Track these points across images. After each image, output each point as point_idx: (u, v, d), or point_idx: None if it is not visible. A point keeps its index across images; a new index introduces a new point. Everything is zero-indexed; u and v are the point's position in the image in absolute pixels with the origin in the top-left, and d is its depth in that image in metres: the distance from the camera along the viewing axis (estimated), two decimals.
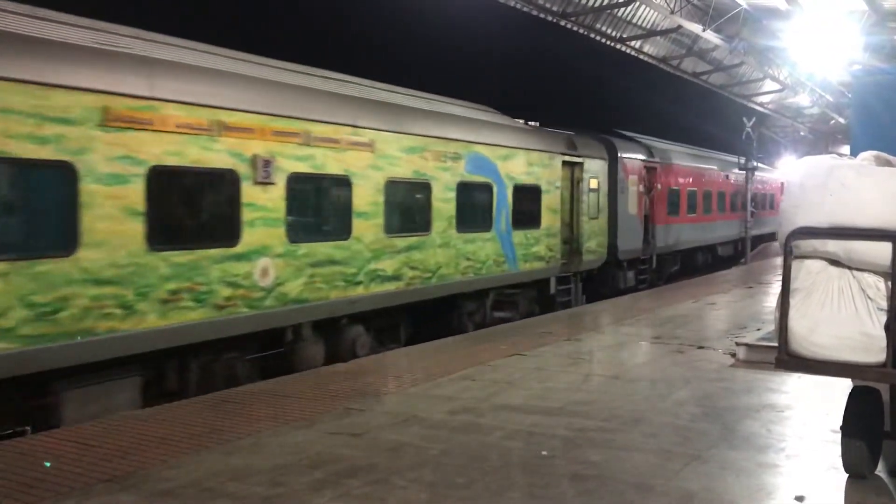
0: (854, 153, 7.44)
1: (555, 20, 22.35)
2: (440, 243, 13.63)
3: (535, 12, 21.52)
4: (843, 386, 6.45)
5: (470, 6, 24.11)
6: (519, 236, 16.06)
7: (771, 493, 5.70)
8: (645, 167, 23.02)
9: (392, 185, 12.55)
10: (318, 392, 8.74)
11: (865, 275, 5.30)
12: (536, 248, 16.75)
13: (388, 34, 37.71)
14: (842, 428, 5.81)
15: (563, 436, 6.96)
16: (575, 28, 23.49)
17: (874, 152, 5.88)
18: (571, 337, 12.13)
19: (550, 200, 17.38)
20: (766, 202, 37.23)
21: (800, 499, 5.54)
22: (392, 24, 36.76)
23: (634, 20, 25.08)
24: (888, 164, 5.75)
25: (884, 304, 5.22)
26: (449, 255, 13.86)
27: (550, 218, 17.36)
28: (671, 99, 40.31)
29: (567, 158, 18.27)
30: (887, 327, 5.16)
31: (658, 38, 26.89)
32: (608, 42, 25.30)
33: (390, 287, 12.56)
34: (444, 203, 13.77)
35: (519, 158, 16.18)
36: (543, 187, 17.08)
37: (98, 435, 7.11)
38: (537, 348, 11.16)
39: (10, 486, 5.80)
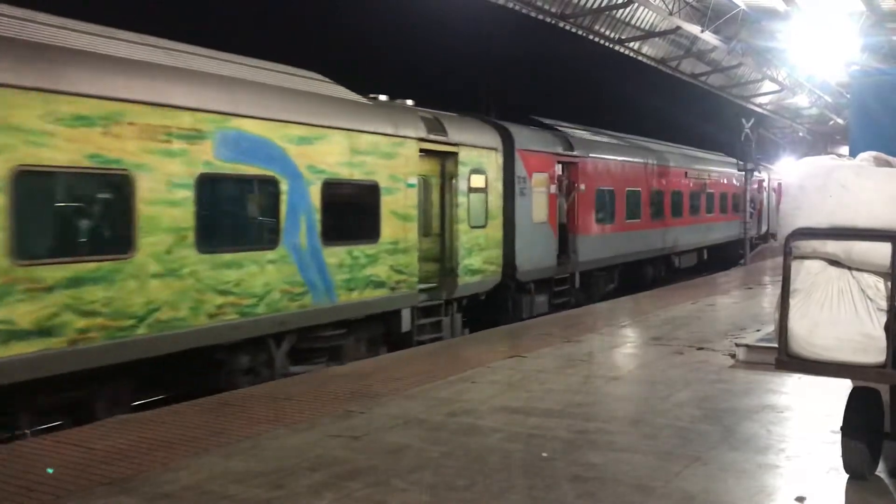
0: (853, 154, 7.44)
1: (553, 21, 22.36)
2: (157, 271, 8.92)
3: (533, 14, 21.53)
4: (843, 387, 6.45)
5: (468, 8, 24.14)
6: (338, 255, 11.56)
7: (771, 495, 5.69)
8: (560, 163, 18.64)
9: (29, 179, 7.79)
10: (317, 394, 8.74)
11: (865, 275, 5.30)
12: (373, 271, 12.17)
13: (384, 36, 37.74)
14: (842, 429, 5.81)
15: (564, 437, 6.96)
16: (573, 29, 23.50)
17: (873, 153, 5.88)
18: (571, 339, 12.12)
19: (398, 203, 12.78)
20: (725, 203, 31.54)
21: (800, 500, 5.53)
22: (388, 26, 36.79)
23: (633, 21, 25.10)
24: (887, 164, 5.76)
25: (883, 304, 5.22)
26: (178, 288, 9.16)
27: (398, 227, 12.73)
28: (670, 100, 40.33)
29: (430, 146, 13.70)
30: (887, 328, 5.16)
31: (656, 39, 26.90)
32: (607, 43, 25.31)
33: (26, 349, 7.66)
34: (165, 207, 9.05)
35: (334, 142, 11.52)
36: (384, 185, 12.48)
37: (98, 438, 7.11)
38: (537, 350, 11.16)
39: (9, 490, 5.80)
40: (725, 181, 31.25)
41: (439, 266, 14.54)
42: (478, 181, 15.12)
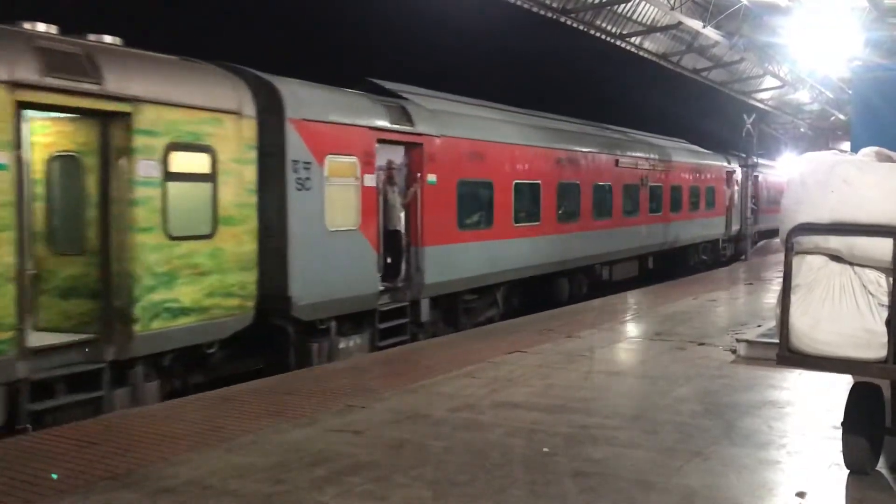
0: (855, 149, 7.44)
1: (555, 17, 22.33)
2: None
3: (535, 9, 21.50)
4: (845, 382, 6.45)
5: (469, 3, 24.13)
6: None
7: (772, 490, 5.70)
8: (387, 142, 12.85)
9: None
10: (319, 389, 8.75)
11: (867, 271, 5.30)
12: None
13: (386, 31, 37.70)
14: (843, 424, 5.81)
15: (565, 433, 6.96)
16: (575, 25, 23.47)
17: (875, 148, 5.88)
18: (572, 334, 12.12)
19: None
20: (695, 199, 26.82)
21: (801, 495, 5.54)
22: (389, 22, 36.75)
23: (635, 17, 25.06)
24: (889, 160, 5.74)
25: (885, 299, 5.21)
26: None
27: None
28: (671, 95, 40.27)
29: (54, 98, 8.15)
30: (888, 323, 5.16)
31: (658, 34, 26.88)
32: (608, 39, 25.28)
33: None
34: None
35: None
36: None
37: (99, 433, 7.12)
38: (538, 345, 11.16)
39: (11, 484, 5.81)
40: (693, 174, 26.33)
41: (100, 305, 8.85)
42: (190, 162, 9.59)
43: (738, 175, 30.85)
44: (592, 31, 24.40)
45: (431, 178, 13.80)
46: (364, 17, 36.79)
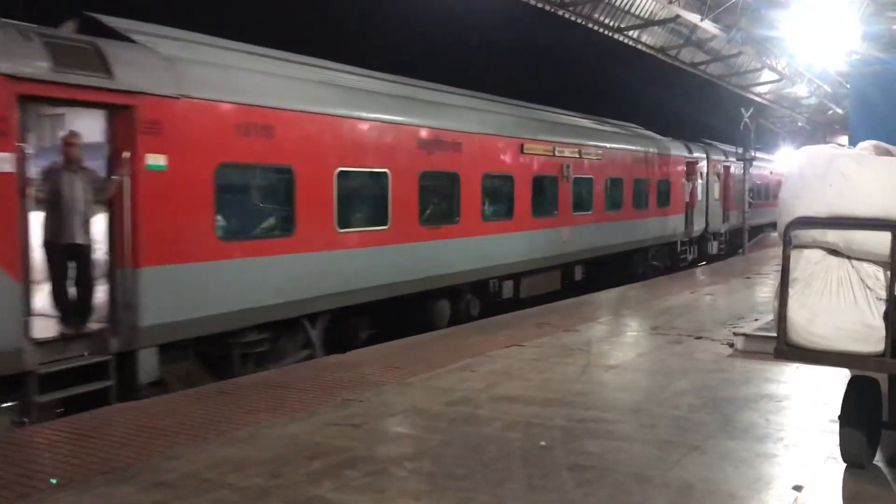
0: (852, 143, 7.43)
1: (552, 10, 22.26)
2: None
3: (532, 1, 21.43)
4: (842, 376, 6.45)
5: None
6: None
7: (769, 483, 5.71)
8: (65, 102, 8.85)
9: None
10: (316, 383, 8.74)
11: (865, 264, 5.30)
12: None
13: (383, 23, 37.64)
14: (840, 418, 5.82)
15: (562, 426, 6.97)
16: (572, 18, 23.41)
17: (873, 142, 5.88)
18: (570, 328, 12.12)
19: None
20: (640, 194, 22.65)
21: (798, 488, 5.55)
22: (386, 14, 36.69)
23: (632, 10, 24.97)
24: (887, 153, 5.74)
25: (883, 293, 5.22)
26: None
27: None
28: (669, 89, 40.24)
29: None
30: (886, 317, 5.16)
31: (656, 27, 26.77)
32: (606, 32, 25.21)
33: None
34: None
35: None
36: None
37: (96, 426, 7.11)
38: (535, 339, 11.17)
39: (8, 478, 5.80)
40: (640, 165, 22.53)
41: None
42: None
43: (705, 166, 27.61)
44: (590, 25, 24.31)
45: (155, 160, 9.07)
46: (357, 6, 36.75)
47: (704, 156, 28.25)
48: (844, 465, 5.88)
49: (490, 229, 15.33)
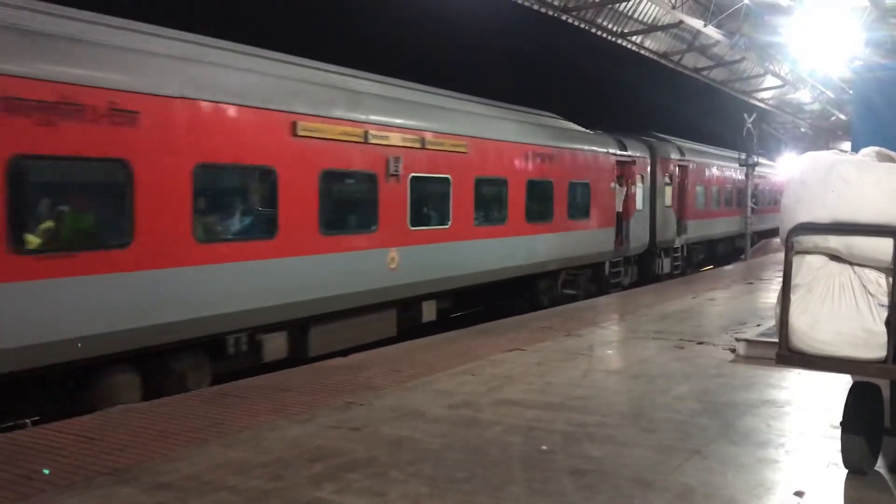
0: (855, 149, 7.44)
1: (556, 15, 22.30)
2: None
3: (536, 7, 21.48)
4: (844, 382, 6.45)
5: (470, 1, 24.11)
6: None
7: (770, 489, 5.70)
8: None
9: None
10: (317, 386, 8.75)
11: (866, 270, 5.30)
12: None
13: (388, 29, 37.69)
14: (842, 424, 5.81)
15: (563, 431, 6.96)
16: (576, 23, 23.45)
17: (875, 148, 5.87)
18: (571, 332, 12.12)
19: None
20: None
21: (799, 494, 5.54)
22: (391, 19, 36.72)
23: (636, 15, 25.03)
24: (889, 160, 5.74)
25: (885, 299, 5.21)
26: None
27: None
28: (672, 95, 40.28)
29: None
30: (888, 323, 5.16)
31: (659, 33, 26.84)
32: (609, 37, 25.26)
33: None
34: None
35: None
36: None
37: (98, 428, 7.12)
38: (537, 343, 11.16)
39: (9, 479, 5.81)
40: (539, 163, 17.04)
41: None
42: None
43: (648, 167, 22.87)
44: (593, 30, 24.37)
45: None
46: (363, 13, 36.79)
47: (647, 154, 22.92)
48: (846, 471, 5.87)
49: (216, 256, 9.72)
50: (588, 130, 20.24)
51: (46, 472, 5.90)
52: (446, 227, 14.17)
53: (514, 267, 16.24)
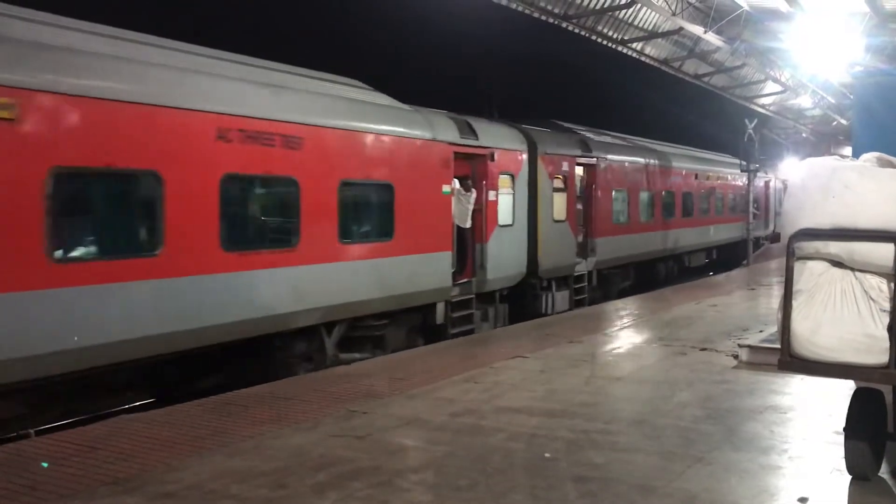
0: (856, 155, 7.45)
1: (556, 22, 22.34)
2: None
3: (536, 14, 21.51)
4: (846, 387, 6.44)
5: (471, 9, 24.15)
6: None
7: (774, 495, 5.69)
8: None
9: None
10: (320, 394, 8.75)
11: (868, 276, 5.30)
12: None
13: (389, 36, 37.79)
14: (845, 429, 5.81)
15: (566, 438, 6.96)
16: (576, 30, 23.49)
17: (876, 154, 5.88)
18: (574, 339, 12.12)
19: None
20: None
21: (803, 500, 5.53)
22: (392, 27, 36.82)
23: (636, 22, 25.05)
24: (890, 165, 5.75)
25: (887, 305, 5.21)
26: None
27: None
28: (673, 101, 40.33)
29: None
30: (890, 328, 5.16)
31: (659, 40, 26.85)
32: (610, 44, 25.30)
33: None
34: None
35: None
36: None
37: (101, 437, 7.12)
38: (540, 350, 11.16)
39: (13, 489, 5.81)
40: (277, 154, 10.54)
41: None
42: None
43: (523, 165, 16.35)
44: (594, 37, 24.39)
45: None
46: (364, 20, 36.89)
47: (522, 147, 16.46)
48: (849, 476, 5.86)
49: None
50: (404, 106, 13.56)
51: (45, 465, 5.88)
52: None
53: (190, 332, 9.40)
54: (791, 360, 5.52)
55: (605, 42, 25.00)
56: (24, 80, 7.85)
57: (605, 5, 22.93)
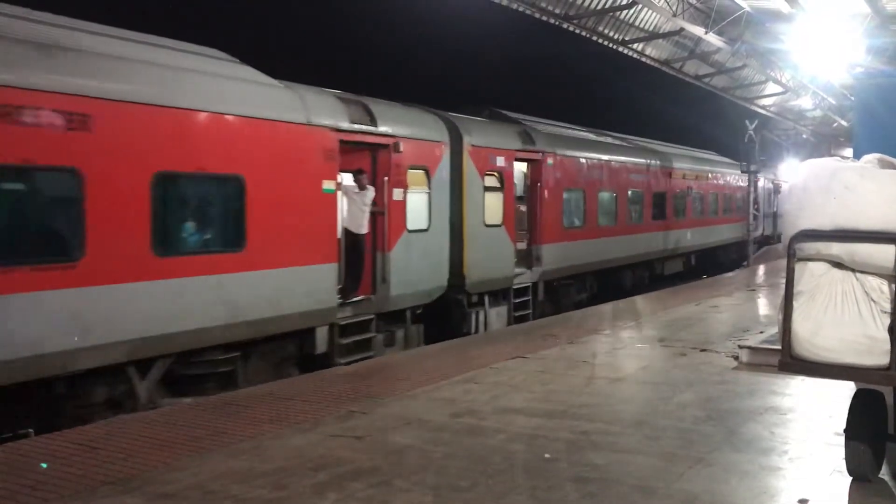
0: (857, 156, 7.45)
1: (557, 23, 22.35)
2: None
3: (537, 15, 21.52)
4: (847, 388, 6.44)
5: (471, 9, 24.15)
6: None
7: (774, 496, 5.69)
8: None
9: None
10: (320, 395, 8.74)
11: (869, 277, 5.30)
12: None
13: (389, 38, 37.78)
14: (845, 431, 5.81)
15: (566, 439, 6.95)
16: (577, 31, 23.49)
17: (877, 155, 5.88)
18: (574, 340, 12.11)
19: None
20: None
21: (803, 502, 5.53)
22: (392, 28, 36.82)
23: (637, 23, 25.07)
24: (891, 166, 5.75)
25: (887, 306, 5.21)
26: None
27: None
28: (674, 102, 40.34)
29: None
30: (891, 330, 5.15)
31: (660, 40, 26.87)
32: (610, 45, 25.30)
33: None
34: None
35: None
36: None
37: (101, 437, 7.12)
38: (540, 351, 11.15)
39: (13, 489, 5.81)
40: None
41: None
42: None
43: (443, 158, 13.91)
44: (595, 38, 24.41)
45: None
46: (366, 20, 36.89)
47: (442, 137, 14.02)
48: (850, 478, 5.86)
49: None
50: (274, 82, 11.05)
51: (44, 465, 5.87)
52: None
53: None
54: (791, 362, 5.51)
55: (606, 43, 25.01)
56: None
57: (606, 6, 22.95)
